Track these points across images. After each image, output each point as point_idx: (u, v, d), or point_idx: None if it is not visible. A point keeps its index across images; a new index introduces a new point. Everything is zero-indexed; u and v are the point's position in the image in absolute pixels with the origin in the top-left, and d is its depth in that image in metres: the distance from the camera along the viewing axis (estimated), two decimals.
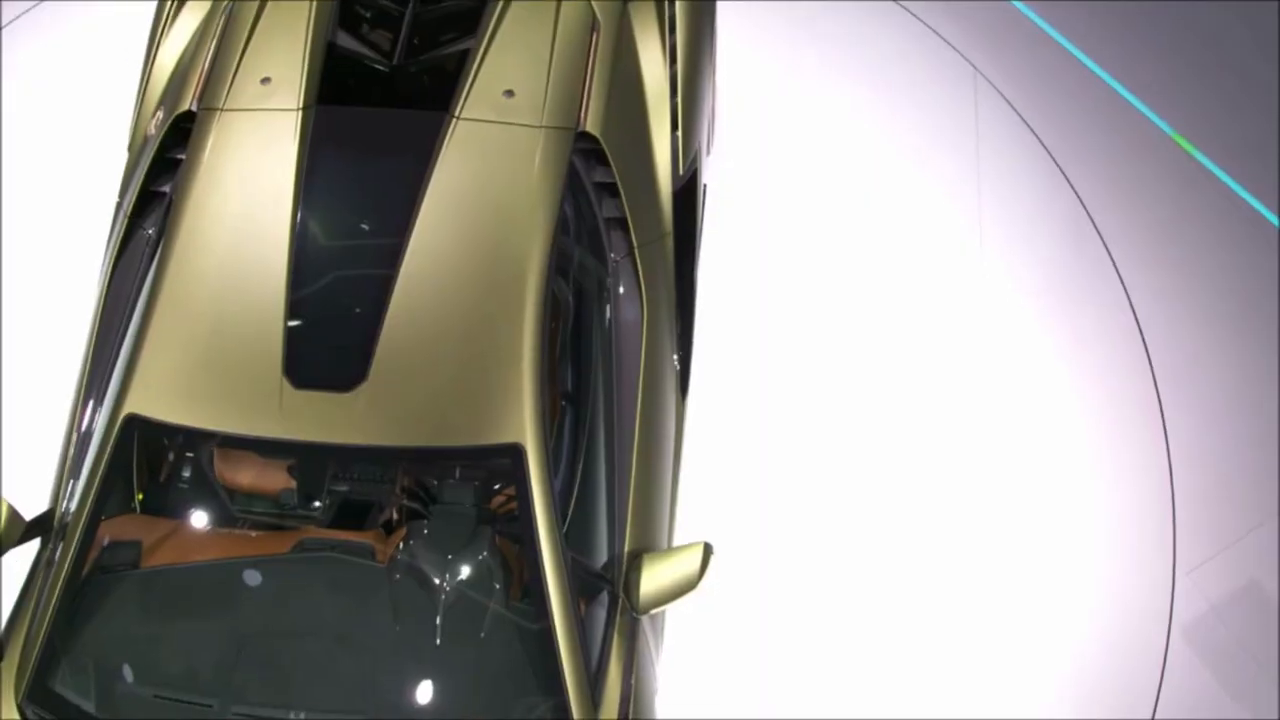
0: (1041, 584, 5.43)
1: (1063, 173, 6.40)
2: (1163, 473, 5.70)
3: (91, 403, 4.46)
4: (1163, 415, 5.81)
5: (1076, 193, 6.34)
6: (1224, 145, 6.50)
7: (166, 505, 4.33)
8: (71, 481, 4.31)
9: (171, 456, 4.37)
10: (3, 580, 4.99)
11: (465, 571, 4.10)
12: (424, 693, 4.01)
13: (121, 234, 4.65)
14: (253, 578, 4.16)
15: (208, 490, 4.34)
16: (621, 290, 4.55)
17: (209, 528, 4.31)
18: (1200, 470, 5.71)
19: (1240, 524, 5.60)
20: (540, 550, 3.96)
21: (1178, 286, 6.12)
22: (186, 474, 4.35)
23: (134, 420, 4.05)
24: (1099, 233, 6.23)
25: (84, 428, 4.42)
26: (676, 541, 4.63)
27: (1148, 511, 5.61)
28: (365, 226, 4.30)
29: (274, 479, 4.34)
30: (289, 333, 4.04)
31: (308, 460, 4.19)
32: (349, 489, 4.25)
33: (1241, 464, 5.73)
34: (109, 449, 4.06)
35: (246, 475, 4.34)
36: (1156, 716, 5.22)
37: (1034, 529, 5.53)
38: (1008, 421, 5.75)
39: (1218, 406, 5.86)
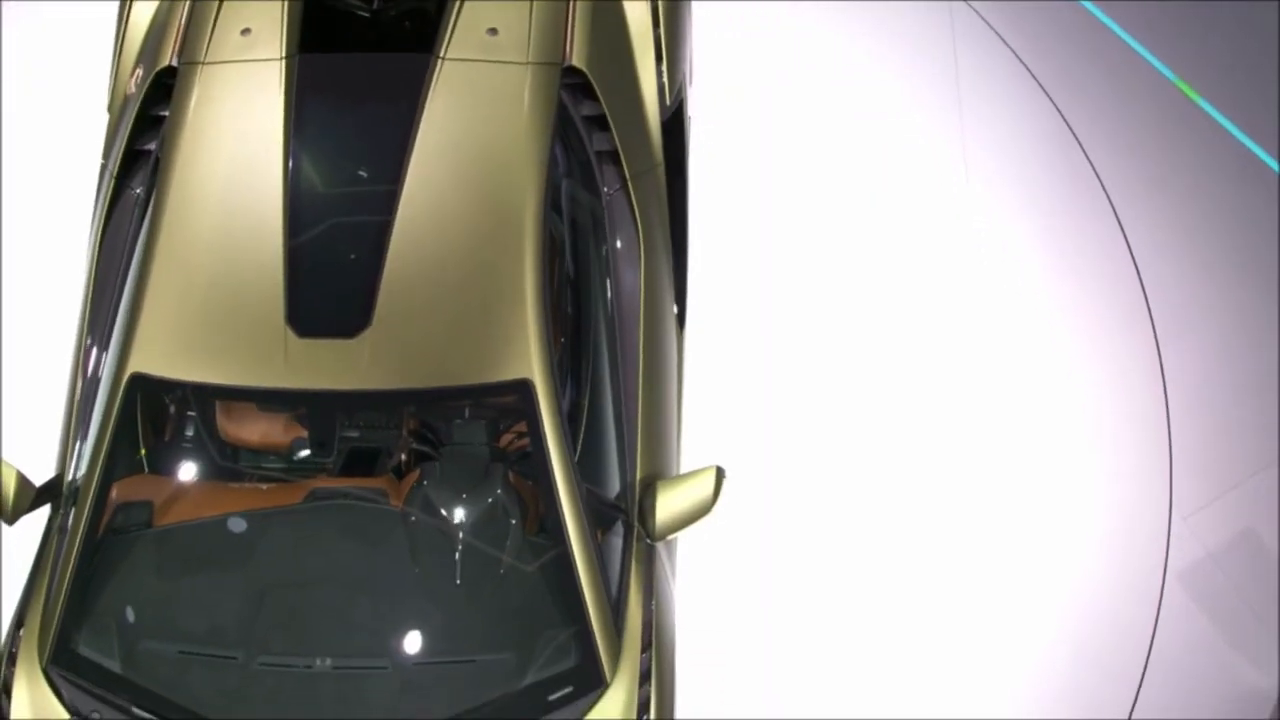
0: (1035, 527, 5.41)
1: (1057, 109, 6.37)
2: (1160, 417, 5.64)
3: (91, 366, 4.44)
4: (1160, 359, 5.75)
5: (1069, 125, 6.30)
6: (1221, 85, 6.42)
7: (176, 463, 4.33)
8: (78, 445, 4.30)
9: (178, 415, 4.36)
10: (3, 552, 5.03)
11: (480, 509, 4.12)
12: (447, 631, 4.04)
13: (109, 195, 4.62)
14: (268, 529, 4.17)
15: (217, 446, 4.34)
16: (617, 222, 4.56)
17: (220, 483, 4.31)
18: (1198, 415, 5.65)
19: (1238, 470, 5.55)
20: (555, 482, 3.98)
21: (1175, 226, 6.04)
22: (194, 432, 4.35)
23: (139, 379, 4.04)
24: (1095, 171, 6.18)
25: (85, 391, 4.41)
26: (683, 470, 4.65)
27: (1145, 456, 5.56)
28: (358, 173, 4.29)
29: (282, 432, 4.34)
30: (290, 282, 4.03)
31: (316, 409, 4.19)
32: (358, 436, 4.26)
33: (1240, 409, 5.66)
34: (115, 410, 4.05)
35: (254, 430, 4.35)
36: (1151, 661, 5.23)
37: (1028, 471, 5.50)
38: (1001, 360, 5.71)
39: (1217, 350, 5.79)
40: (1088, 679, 5.19)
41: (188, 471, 4.32)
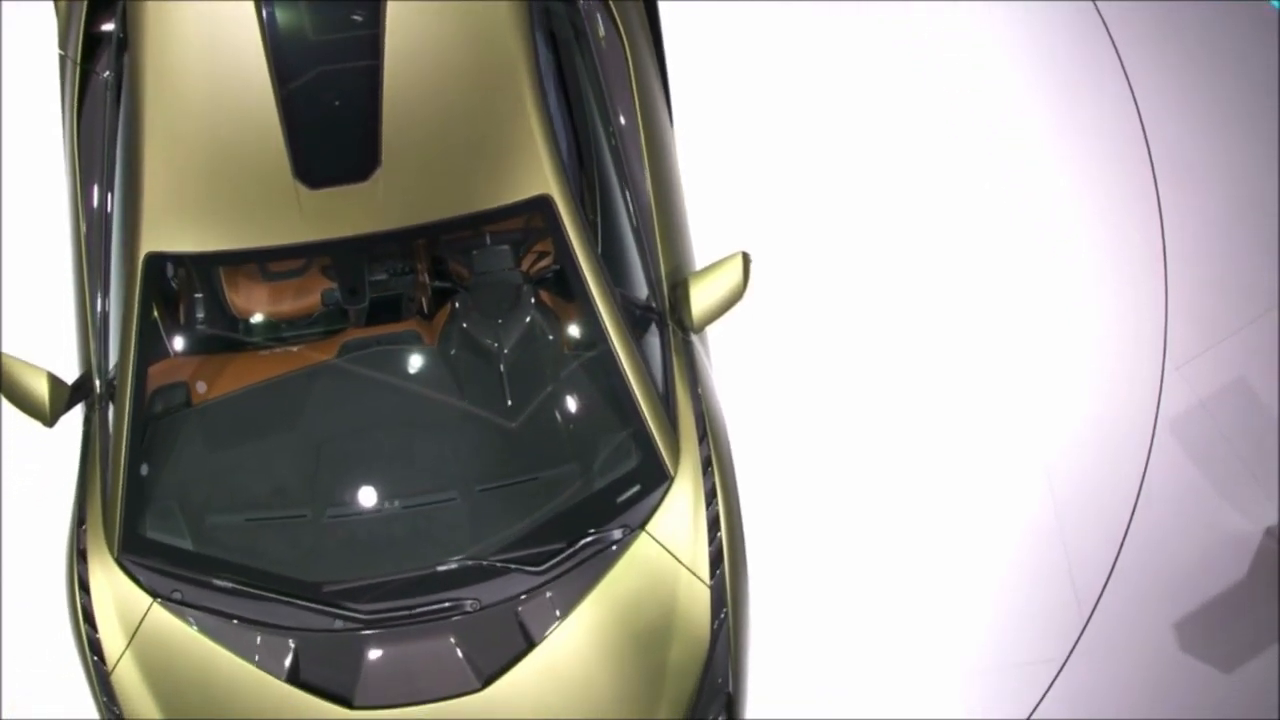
0: (1028, 372, 5.45)
1: None
2: (1157, 265, 5.61)
3: (96, 259, 4.37)
4: (1159, 205, 5.71)
5: None
6: None
7: (202, 341, 4.31)
8: (101, 337, 4.26)
9: (195, 293, 4.32)
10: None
11: (518, 331, 4.16)
12: (507, 453, 4.11)
13: (76, 84, 4.50)
14: (310, 386, 4.19)
15: (241, 316, 4.32)
16: (601, 32, 4.51)
17: (250, 354, 4.31)
18: (1195, 263, 5.61)
19: (1232, 320, 5.55)
20: (589, 289, 4.02)
21: (1176, 66, 5.89)
22: (215, 307, 4.32)
23: (154, 258, 3.99)
24: (1096, 6, 5.99)
25: (95, 283, 4.35)
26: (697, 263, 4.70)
27: (1141, 304, 5.56)
28: (337, 18, 4.19)
29: (299, 297, 4.32)
30: (290, 137, 3.97)
31: (341, 257, 4.17)
32: (383, 279, 4.26)
33: (1237, 258, 5.63)
34: (137, 295, 4.01)
35: (275, 303, 4.32)
36: (1138, 505, 5.32)
37: (1022, 315, 5.52)
38: (1001, 200, 5.67)
39: (1216, 196, 5.71)
40: (1077, 521, 5.30)
41: (216, 347, 4.31)
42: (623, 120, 4.43)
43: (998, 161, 5.71)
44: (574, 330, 4.18)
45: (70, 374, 4.38)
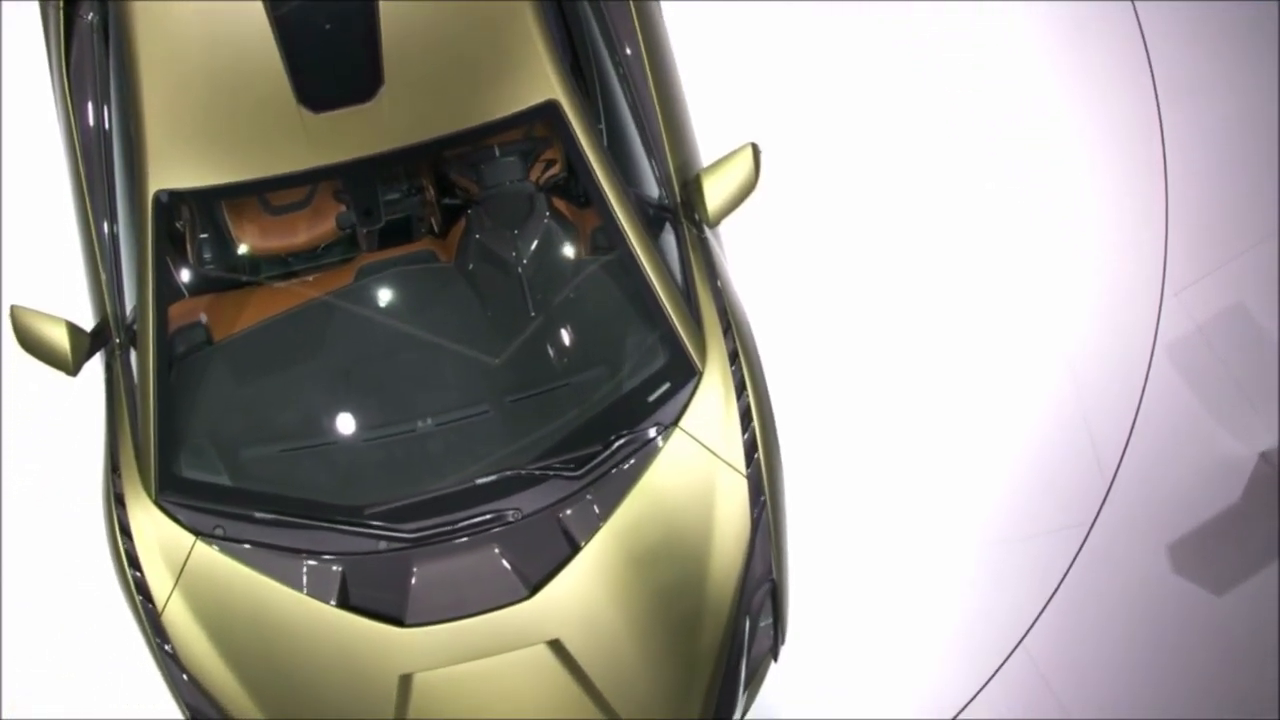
0: (1027, 295, 5.43)
1: None
2: (1158, 190, 5.56)
3: (101, 204, 4.34)
4: (1162, 132, 5.64)
5: None
6: None
7: (215, 279, 4.29)
8: (114, 283, 4.24)
9: (207, 232, 4.30)
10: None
11: (534, 240, 4.15)
12: (535, 362, 4.12)
13: (61, 27, 4.43)
14: (332, 313, 4.18)
15: (253, 252, 4.30)
16: None
17: (266, 287, 4.29)
18: (1196, 188, 5.56)
19: (1232, 246, 5.51)
20: (603, 190, 4.01)
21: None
22: (227, 243, 4.30)
23: (163, 197, 3.96)
24: None
25: (103, 229, 4.31)
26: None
27: (1140, 231, 5.52)
28: None
29: (315, 223, 4.30)
30: (290, 62, 3.93)
31: (352, 180, 4.14)
32: (395, 199, 4.24)
33: (1238, 184, 5.58)
34: (150, 235, 3.98)
35: (290, 232, 4.30)
36: (1135, 430, 5.33)
37: (1022, 238, 5.48)
38: (1003, 118, 5.60)
39: (1219, 123, 5.64)
40: (1074, 444, 5.33)
41: (233, 284, 4.29)
42: (620, 27, 4.40)
43: (1000, 81, 5.66)
44: (591, 234, 4.18)
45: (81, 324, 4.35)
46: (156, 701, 4.95)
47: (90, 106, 4.36)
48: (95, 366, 4.37)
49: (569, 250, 4.18)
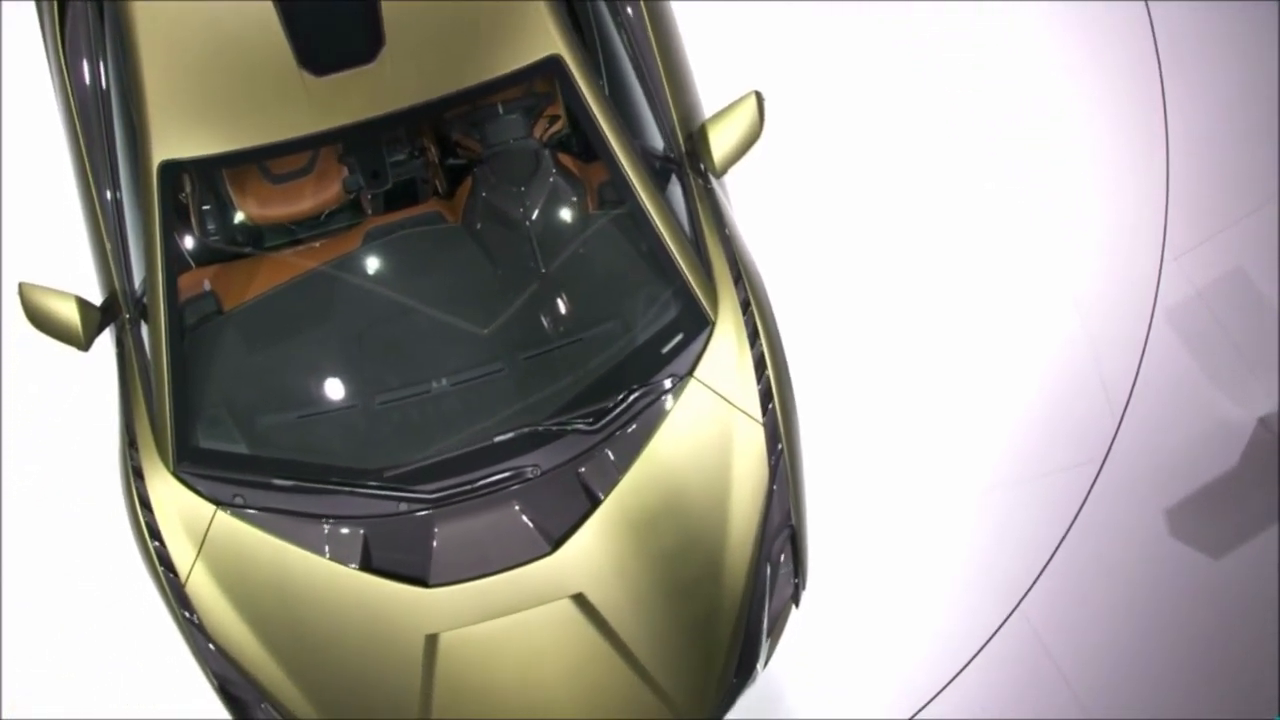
0: (1025, 261, 5.43)
1: None
2: (1159, 154, 5.56)
3: (104, 178, 4.32)
4: (1164, 96, 5.62)
5: None
6: None
7: (222, 248, 4.29)
8: (121, 256, 4.23)
9: (211, 203, 4.28)
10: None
11: (542, 196, 4.15)
12: (548, 319, 4.12)
13: (56, 9, 4.40)
14: (341, 277, 4.18)
15: (257, 221, 4.29)
16: None
17: (273, 255, 4.28)
18: (1196, 154, 5.57)
19: (1232, 211, 5.52)
20: (609, 143, 4.00)
21: None
22: (233, 214, 4.29)
23: (168, 167, 3.94)
24: None
25: (107, 203, 4.30)
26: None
27: (1140, 195, 5.52)
28: None
29: (320, 189, 4.29)
30: (289, 27, 3.91)
31: (357, 142, 4.13)
32: (400, 160, 4.23)
33: (1238, 149, 5.59)
34: (156, 206, 3.96)
35: (295, 199, 4.29)
36: (1134, 394, 5.35)
37: (1023, 201, 5.49)
38: (1006, 83, 5.59)
39: (1220, 88, 5.64)
40: (1074, 407, 5.35)
41: (239, 253, 4.28)
42: None
43: (1003, 46, 5.64)
44: (599, 187, 4.17)
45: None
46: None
47: (86, 74, 4.33)
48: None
49: (576, 205, 4.17)
